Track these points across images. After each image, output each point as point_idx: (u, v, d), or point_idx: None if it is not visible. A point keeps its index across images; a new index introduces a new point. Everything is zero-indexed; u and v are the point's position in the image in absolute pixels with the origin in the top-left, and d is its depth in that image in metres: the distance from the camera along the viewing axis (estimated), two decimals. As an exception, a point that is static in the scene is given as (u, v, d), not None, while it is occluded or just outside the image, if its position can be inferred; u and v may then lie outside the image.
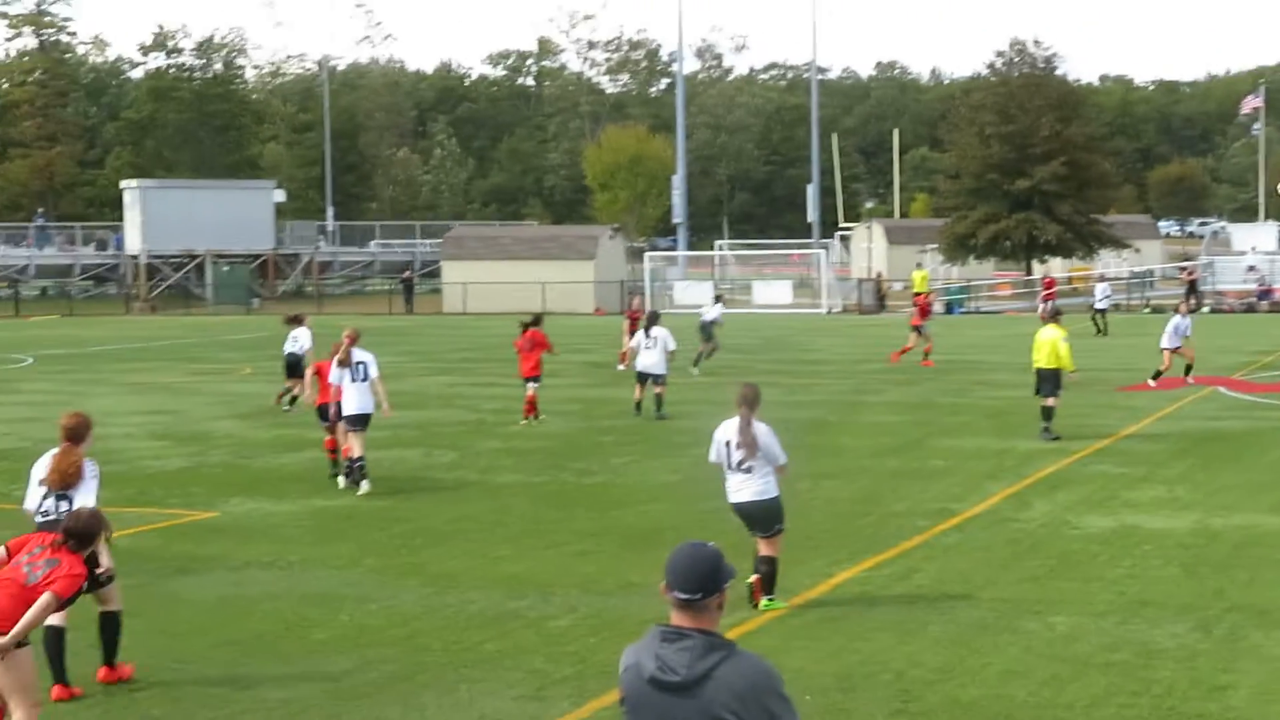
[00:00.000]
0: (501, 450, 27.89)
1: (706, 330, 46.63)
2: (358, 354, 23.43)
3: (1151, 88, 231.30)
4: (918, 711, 12.01)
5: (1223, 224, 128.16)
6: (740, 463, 15.41)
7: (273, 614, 15.49)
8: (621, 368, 42.60)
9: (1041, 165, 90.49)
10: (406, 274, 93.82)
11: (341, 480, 23.54)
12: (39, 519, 12.93)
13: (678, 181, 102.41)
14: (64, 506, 12.79)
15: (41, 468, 13.23)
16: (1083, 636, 14.14)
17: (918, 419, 31.75)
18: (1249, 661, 13.30)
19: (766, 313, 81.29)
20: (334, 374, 23.56)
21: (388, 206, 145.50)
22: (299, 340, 34.48)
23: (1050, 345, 29.10)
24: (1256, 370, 42.72)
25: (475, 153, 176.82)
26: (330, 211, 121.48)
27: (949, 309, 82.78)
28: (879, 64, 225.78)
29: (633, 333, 35.82)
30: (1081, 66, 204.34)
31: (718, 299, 51.36)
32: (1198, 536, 18.81)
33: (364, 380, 23.34)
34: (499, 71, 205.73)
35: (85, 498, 12.87)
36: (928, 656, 13.57)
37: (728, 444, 15.50)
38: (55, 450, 13.26)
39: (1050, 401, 28.66)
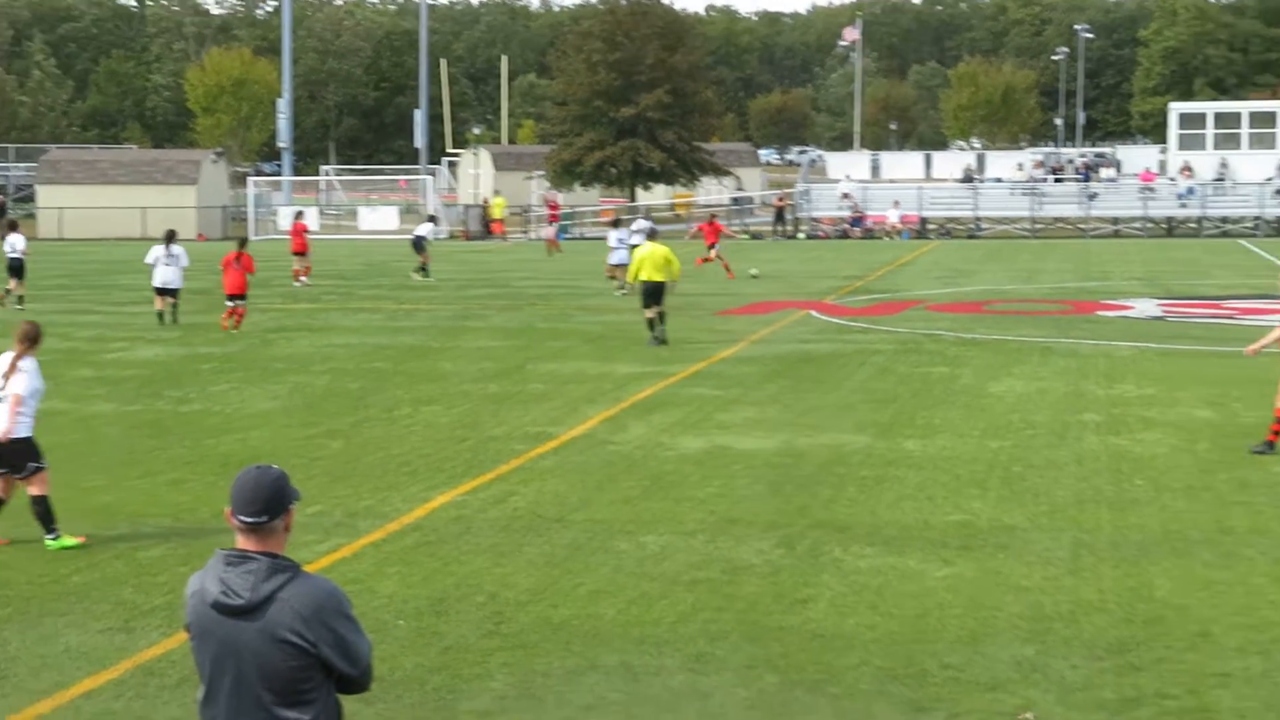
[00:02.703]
0: (94, 379, 27.23)
1: (419, 244, 51.26)
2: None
3: (755, 18, 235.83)
4: (509, 632, 12.14)
5: (820, 153, 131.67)
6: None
7: None
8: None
9: (647, 93, 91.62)
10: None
11: None
12: None
13: (283, 105, 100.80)
14: None
15: None
16: (672, 555, 14.46)
17: (519, 344, 31.96)
18: (829, 575, 13.75)
19: (373, 238, 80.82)
20: None
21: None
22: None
23: (663, 257, 31.43)
24: (847, 294, 44.05)
25: (76, 75, 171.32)
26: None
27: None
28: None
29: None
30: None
31: (431, 219, 55.28)
32: (785, 456, 19.35)
33: None
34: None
35: None
36: (521, 578, 13.72)
37: None
38: None
39: (655, 311, 31.25)
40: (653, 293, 31.62)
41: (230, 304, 35.15)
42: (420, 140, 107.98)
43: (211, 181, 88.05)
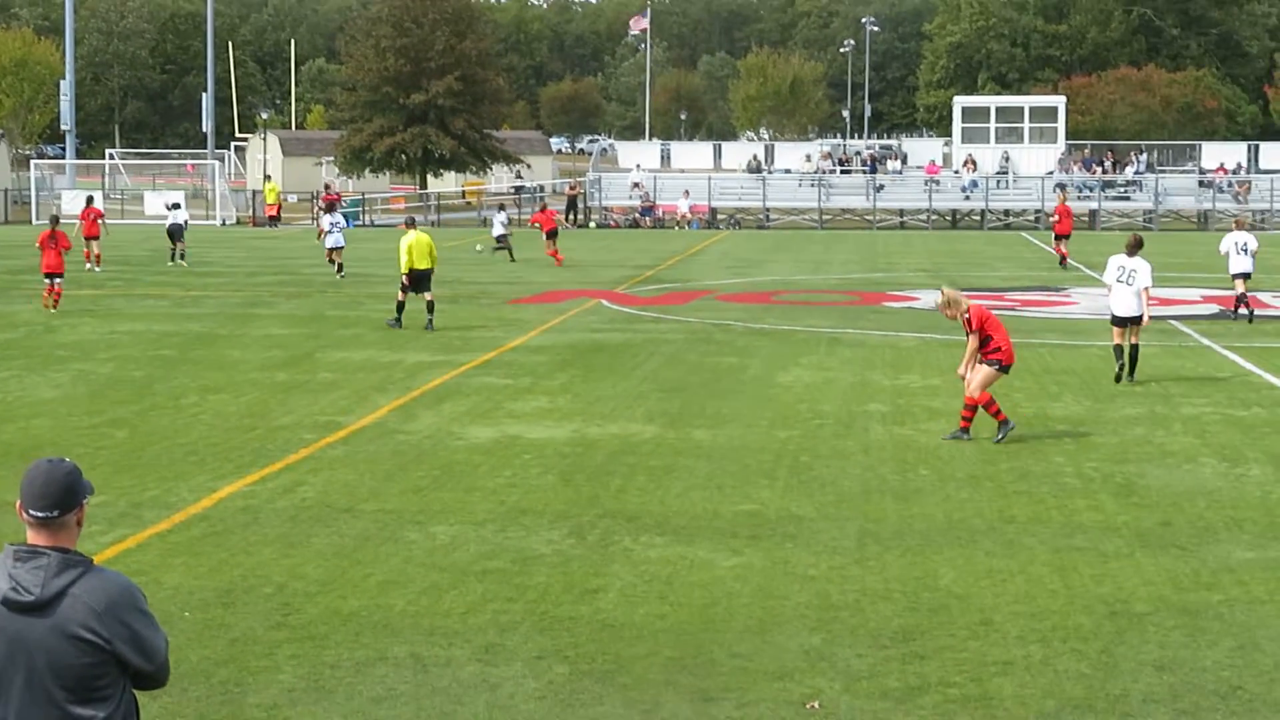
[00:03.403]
0: None
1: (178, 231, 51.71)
2: None
3: (545, 5, 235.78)
4: (297, 624, 12.06)
5: (610, 141, 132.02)
6: None
7: None
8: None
9: (437, 80, 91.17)
10: None
11: None
12: None
13: (66, 88, 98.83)
14: None
15: None
16: (462, 545, 14.44)
17: (309, 331, 31.71)
18: (619, 565, 13.83)
19: (158, 224, 79.53)
20: None
21: None
22: None
23: (429, 246, 32.52)
24: (638, 284, 44.25)
25: None
26: None
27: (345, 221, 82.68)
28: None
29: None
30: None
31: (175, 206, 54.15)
32: (575, 445, 19.41)
33: None
34: None
35: None
36: (310, 569, 13.63)
37: None
38: None
39: (431, 295, 32.27)
40: (420, 280, 32.29)
41: (49, 282, 35.41)
42: (208, 124, 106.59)
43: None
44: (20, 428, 20.66)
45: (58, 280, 35.67)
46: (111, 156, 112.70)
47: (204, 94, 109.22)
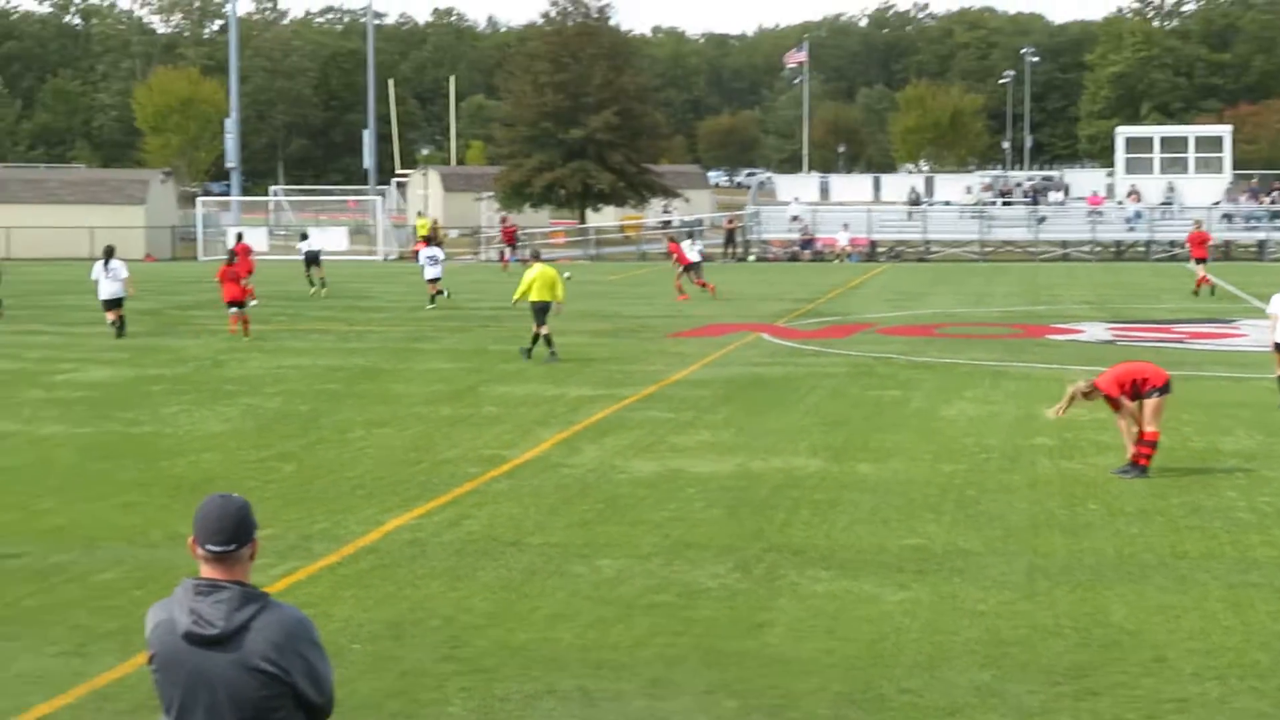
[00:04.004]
0: (45, 400, 27.08)
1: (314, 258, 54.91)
2: None
3: (702, 40, 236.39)
4: (466, 657, 12.12)
5: (769, 175, 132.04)
6: None
7: None
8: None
9: (594, 114, 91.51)
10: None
11: None
12: None
13: (231, 125, 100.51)
14: None
15: None
16: (628, 579, 14.45)
17: (471, 366, 31.92)
18: (785, 599, 13.77)
19: (322, 259, 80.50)
20: None
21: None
22: None
23: (551, 278, 32.91)
24: (798, 317, 44.14)
25: (21, 93, 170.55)
26: None
27: (501, 256, 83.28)
28: (436, 10, 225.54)
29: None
30: (634, 18, 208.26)
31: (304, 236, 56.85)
32: (739, 479, 19.37)
33: None
34: (44, 8, 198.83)
35: None
36: (477, 602, 13.69)
37: None
38: None
39: (547, 329, 32.55)
40: (540, 312, 32.68)
41: (232, 311, 38.31)
42: (369, 160, 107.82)
43: (160, 201, 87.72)
44: (190, 461, 20.95)
45: (241, 308, 38.14)
46: (275, 193, 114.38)
47: (365, 130, 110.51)
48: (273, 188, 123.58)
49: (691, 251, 56.04)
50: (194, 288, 51.72)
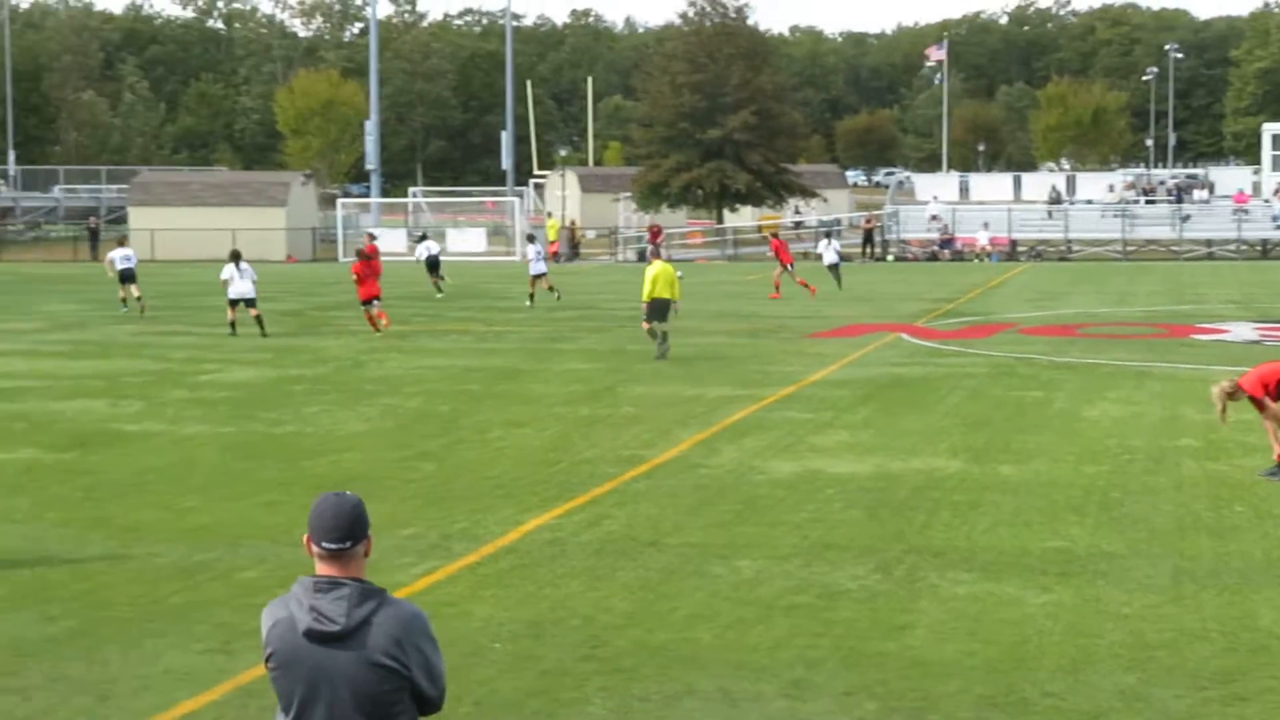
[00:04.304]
0: (189, 400, 27.42)
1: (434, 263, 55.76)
2: None
3: (840, 39, 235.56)
4: (606, 656, 12.12)
5: (907, 174, 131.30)
6: None
7: (-52, 570, 15.04)
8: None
9: (732, 114, 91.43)
10: (92, 220, 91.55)
11: None
12: None
13: (371, 127, 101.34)
14: None
15: None
16: (767, 580, 14.40)
17: (609, 366, 31.98)
18: (926, 601, 13.66)
19: (461, 260, 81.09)
20: None
21: (73, 151, 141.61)
22: None
23: (671, 276, 33.23)
24: (938, 317, 43.86)
25: (165, 96, 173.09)
26: (11, 155, 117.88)
27: (641, 256, 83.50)
28: (574, 12, 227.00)
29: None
30: (771, 17, 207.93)
31: (423, 238, 56.77)
32: (879, 480, 19.26)
33: None
34: (188, 13, 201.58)
35: None
36: (616, 602, 13.69)
37: None
38: None
39: (667, 326, 33.13)
40: (662, 309, 32.95)
41: (368, 308, 39.89)
42: (507, 162, 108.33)
43: (301, 203, 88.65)
44: (332, 461, 21.12)
45: (377, 304, 39.54)
46: (414, 194, 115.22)
47: (503, 131, 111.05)
48: (412, 189, 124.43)
49: (829, 252, 56.49)
50: (334, 289, 52.21)
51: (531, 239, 53.98)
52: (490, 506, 17.78)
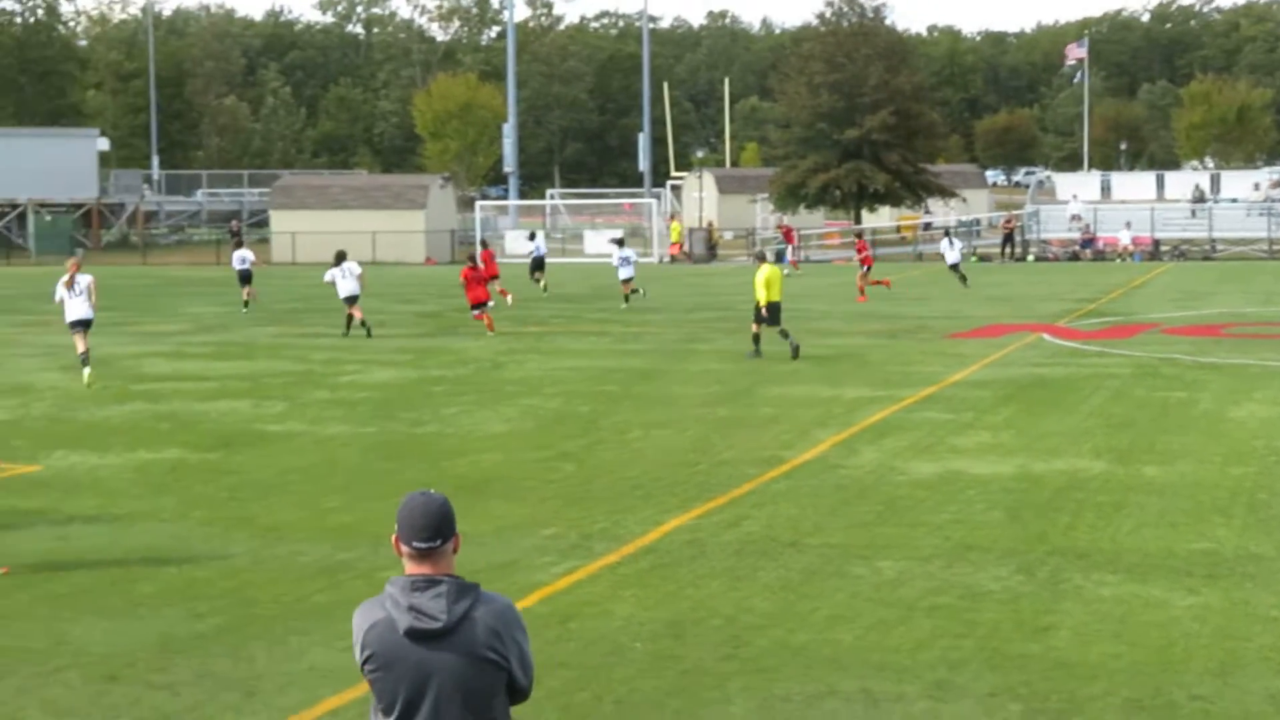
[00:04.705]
0: (330, 401, 27.68)
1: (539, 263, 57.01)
2: (80, 278, 30.47)
3: (978, 38, 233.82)
4: (747, 656, 12.09)
5: (1048, 173, 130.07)
6: None
7: (98, 568, 15.26)
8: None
9: (870, 115, 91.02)
10: (234, 224, 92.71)
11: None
12: None
13: (509, 130, 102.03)
14: None
15: None
16: (909, 581, 14.31)
17: (747, 367, 31.91)
18: (1070, 603, 13.52)
19: (598, 262, 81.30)
20: (60, 293, 30.49)
21: (215, 155, 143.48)
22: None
23: (779, 277, 34.13)
24: (1080, 317, 43.42)
25: (305, 101, 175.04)
26: (155, 160, 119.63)
27: (779, 258, 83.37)
28: (710, 13, 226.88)
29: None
30: (909, 17, 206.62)
31: (620, 243, 56.52)
32: (1021, 481, 19.09)
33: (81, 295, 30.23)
34: (327, 18, 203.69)
35: None
36: (757, 602, 13.66)
37: None
38: None
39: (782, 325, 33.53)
40: (777, 311, 33.40)
41: (477, 311, 40.99)
42: (644, 163, 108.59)
43: (439, 206, 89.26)
44: (472, 461, 21.23)
45: (486, 307, 40.59)
46: (552, 196, 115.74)
47: (640, 133, 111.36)
48: (549, 191, 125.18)
49: (951, 252, 56.67)
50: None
51: (620, 244, 54.51)
52: (630, 507, 17.80)
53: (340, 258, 41.80)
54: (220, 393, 28.59)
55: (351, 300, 40.78)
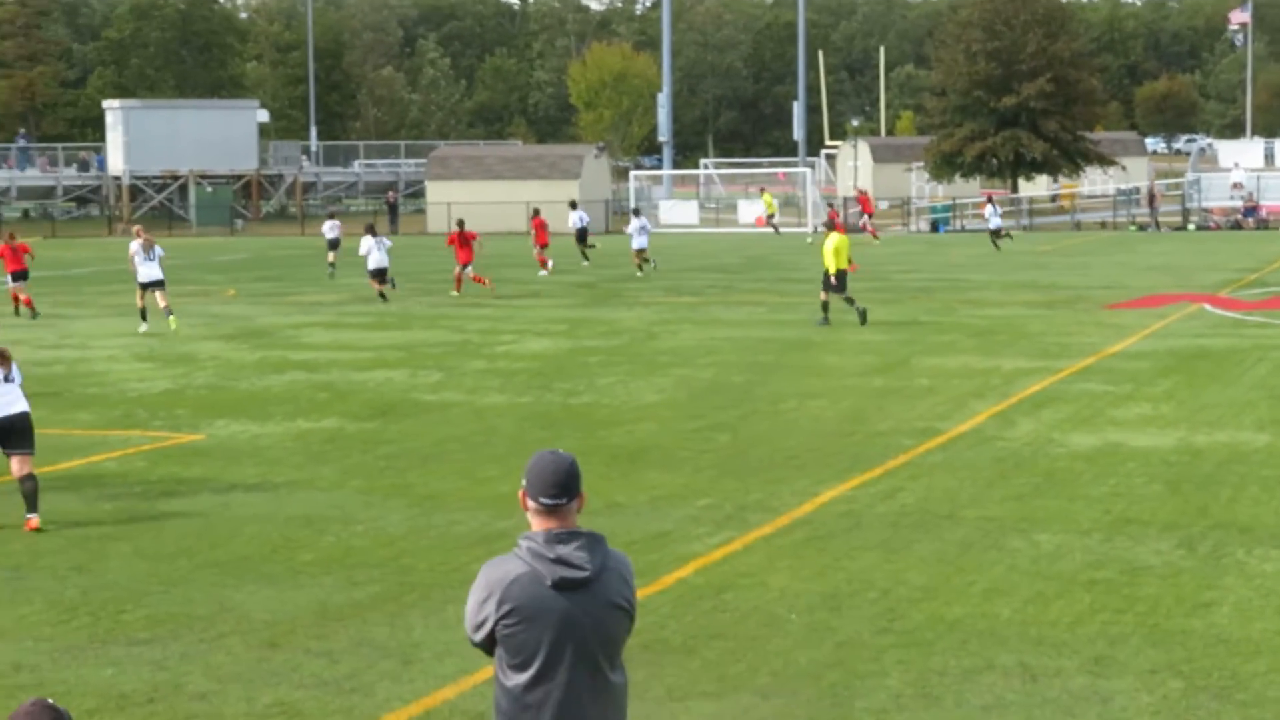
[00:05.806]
0: (487, 370, 27.86)
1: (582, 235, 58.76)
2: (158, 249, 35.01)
3: (1139, 3, 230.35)
4: (903, 630, 12.04)
5: (1209, 141, 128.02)
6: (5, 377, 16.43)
7: (258, 536, 15.48)
8: None
9: (1028, 82, 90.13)
10: (391, 194, 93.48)
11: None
12: None
13: (663, 99, 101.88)
14: None
15: None
16: (1067, 554, 14.17)
17: (903, 338, 31.72)
18: (1232, 578, 13.34)
19: (752, 231, 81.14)
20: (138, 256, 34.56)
21: (372, 126, 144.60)
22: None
23: (848, 245, 34.82)
24: (1242, 287, 42.74)
25: (462, 72, 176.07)
26: (314, 131, 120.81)
27: (935, 227, 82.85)
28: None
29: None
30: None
31: (636, 212, 56.43)
32: (1182, 454, 18.84)
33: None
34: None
35: None
36: (913, 575, 13.59)
37: None
38: None
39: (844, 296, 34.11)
40: (845, 279, 34.13)
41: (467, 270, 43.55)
42: (798, 132, 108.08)
43: (594, 176, 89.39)
44: (626, 430, 21.29)
45: (468, 269, 43.31)
46: (706, 166, 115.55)
47: (795, 102, 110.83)
48: (703, 161, 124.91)
49: (994, 218, 59.43)
50: (628, 260, 52.50)
51: (637, 213, 54.44)
52: (784, 478, 17.77)
53: (371, 229, 42.54)
54: (377, 363, 28.87)
55: (380, 273, 41.79)
